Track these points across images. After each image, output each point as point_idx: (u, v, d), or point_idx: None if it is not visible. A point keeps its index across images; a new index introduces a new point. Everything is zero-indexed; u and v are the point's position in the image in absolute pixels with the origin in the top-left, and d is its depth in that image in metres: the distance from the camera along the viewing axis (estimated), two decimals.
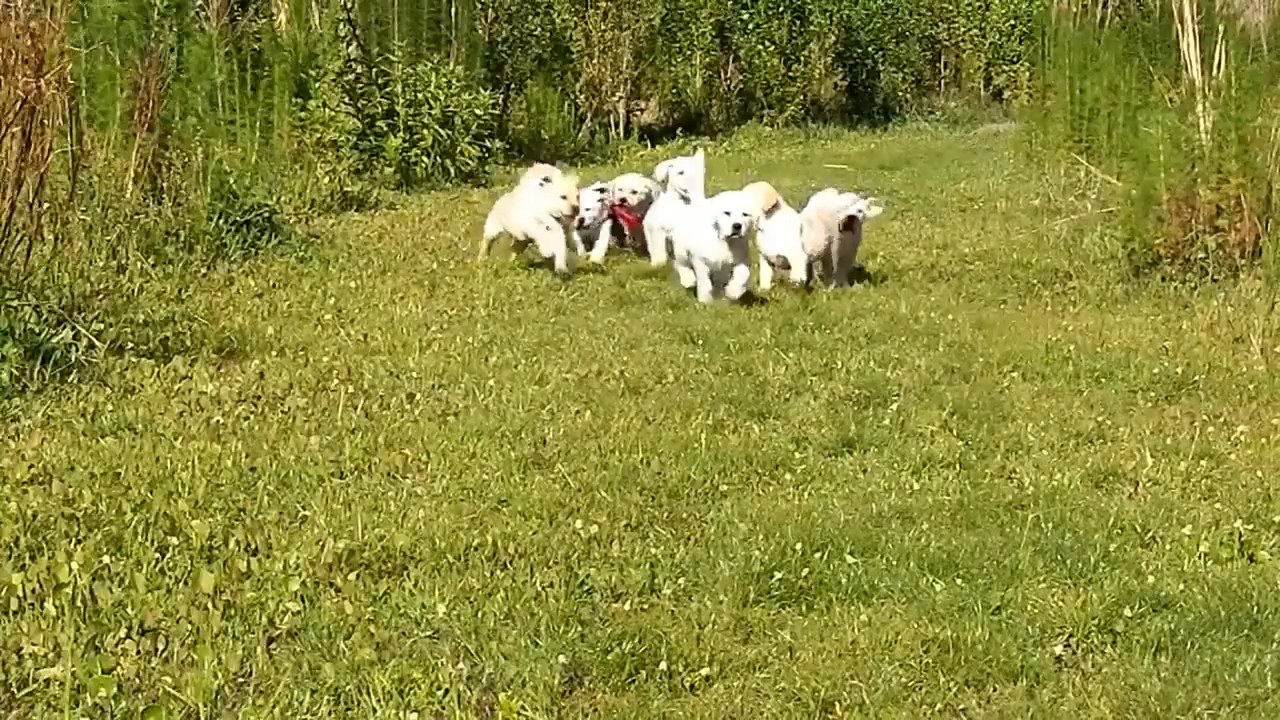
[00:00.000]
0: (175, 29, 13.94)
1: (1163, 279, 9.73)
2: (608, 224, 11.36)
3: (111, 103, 10.62)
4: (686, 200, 10.27)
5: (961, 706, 4.04)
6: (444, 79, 16.27)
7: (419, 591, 4.66)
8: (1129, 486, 5.81)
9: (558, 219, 10.46)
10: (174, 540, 4.94)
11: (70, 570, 4.57)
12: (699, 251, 9.55)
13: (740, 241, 9.43)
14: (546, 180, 10.53)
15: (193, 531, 4.99)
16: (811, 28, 23.23)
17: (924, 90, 25.60)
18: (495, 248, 11.03)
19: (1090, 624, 4.45)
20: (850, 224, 10.05)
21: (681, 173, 10.54)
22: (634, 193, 11.40)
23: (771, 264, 10.14)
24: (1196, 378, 7.37)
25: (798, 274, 9.85)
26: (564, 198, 10.47)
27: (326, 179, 14.12)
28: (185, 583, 4.66)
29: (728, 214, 9.35)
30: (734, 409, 6.82)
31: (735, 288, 9.43)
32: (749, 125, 22.64)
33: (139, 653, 4.18)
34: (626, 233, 11.55)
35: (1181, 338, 8.33)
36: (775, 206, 10.06)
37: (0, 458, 5.80)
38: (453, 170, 16.12)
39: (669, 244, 10.43)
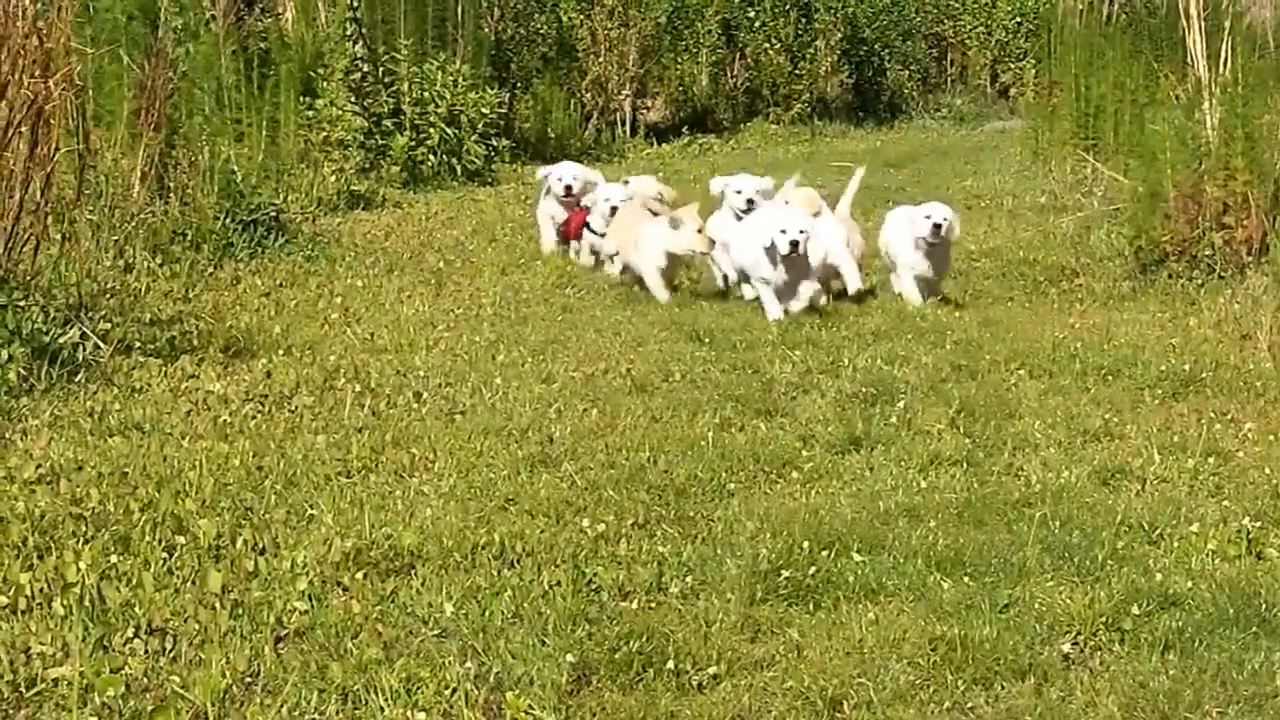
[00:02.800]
0: (182, 28, 13.95)
1: (1169, 276, 9.73)
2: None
3: (118, 102, 10.63)
4: (739, 217, 9.66)
5: (969, 704, 4.04)
6: (450, 78, 16.26)
7: (426, 590, 4.66)
8: (1136, 484, 5.80)
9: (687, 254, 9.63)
10: (181, 539, 4.95)
11: (78, 570, 4.58)
12: (755, 271, 9.12)
13: (799, 260, 8.93)
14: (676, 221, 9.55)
15: (200, 531, 4.99)
16: (817, 25, 23.21)
17: (930, 87, 25.54)
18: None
19: (1098, 622, 4.45)
20: (936, 232, 9.38)
21: (739, 191, 9.80)
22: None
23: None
24: (1204, 375, 7.36)
25: (852, 281, 9.38)
26: (700, 231, 9.48)
27: (333, 178, 14.14)
28: (193, 582, 4.66)
29: (783, 232, 8.85)
30: (741, 407, 6.82)
31: (797, 304, 8.99)
32: (755, 123, 22.62)
33: (147, 652, 4.19)
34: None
35: (1189, 335, 8.32)
36: (816, 214, 9.56)
37: (8, 457, 5.80)
38: (459, 169, 16.11)
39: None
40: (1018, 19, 25.07)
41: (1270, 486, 5.70)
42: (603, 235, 10.54)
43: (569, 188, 11.08)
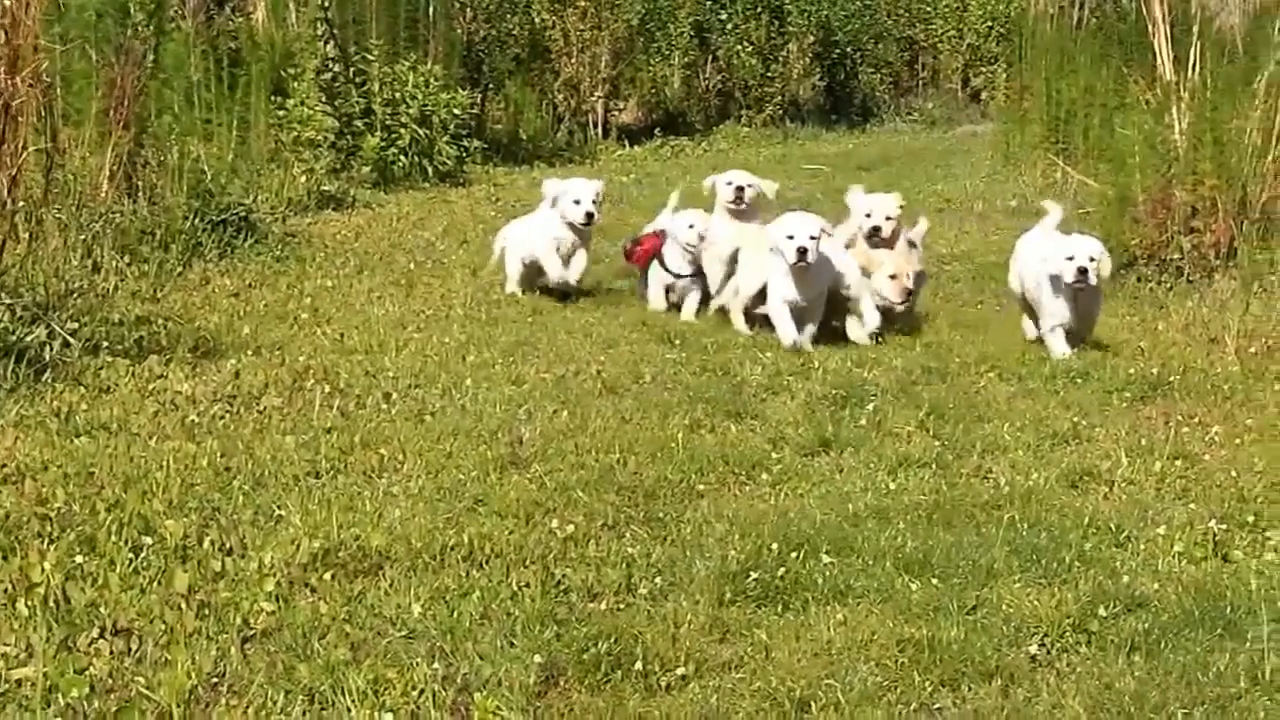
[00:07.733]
0: (152, 27, 13.87)
1: (1139, 280, 9.79)
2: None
3: (87, 100, 10.55)
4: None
5: (936, 706, 4.05)
6: (422, 78, 16.22)
7: (394, 591, 4.65)
8: (1104, 486, 5.83)
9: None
10: (148, 540, 4.92)
11: (43, 570, 4.55)
12: (771, 288, 8.25)
13: (814, 272, 8.08)
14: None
15: (167, 531, 4.97)
16: (789, 28, 23.25)
17: (902, 91, 25.62)
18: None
19: (1065, 623, 4.47)
20: (1082, 277, 7.86)
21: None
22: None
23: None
24: (1172, 378, 7.40)
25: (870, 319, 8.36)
26: (893, 278, 8.47)
27: (304, 178, 14.06)
28: (159, 582, 4.64)
29: (790, 238, 8.00)
30: (711, 409, 6.82)
31: (808, 334, 8.17)
32: (727, 125, 22.64)
33: (112, 653, 4.16)
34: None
35: (1157, 338, 8.37)
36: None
37: None
38: (430, 170, 16.06)
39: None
40: (989, 23, 25.16)
41: (1237, 490, 5.74)
42: (680, 276, 9.23)
43: (590, 215, 9.49)
